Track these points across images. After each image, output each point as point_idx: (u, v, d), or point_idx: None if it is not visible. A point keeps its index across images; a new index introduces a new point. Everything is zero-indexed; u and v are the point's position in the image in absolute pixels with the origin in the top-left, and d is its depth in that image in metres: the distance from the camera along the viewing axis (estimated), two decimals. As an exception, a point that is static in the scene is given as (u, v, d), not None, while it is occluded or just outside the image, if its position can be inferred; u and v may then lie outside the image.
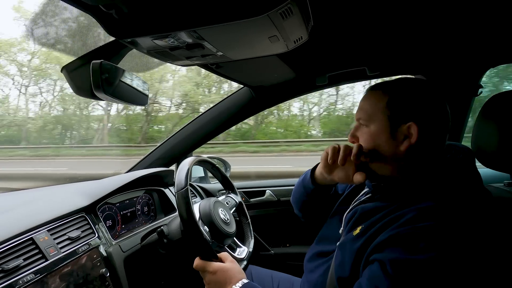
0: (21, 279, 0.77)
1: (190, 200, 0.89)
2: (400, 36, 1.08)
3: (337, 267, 0.78)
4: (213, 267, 0.85)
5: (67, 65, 0.84)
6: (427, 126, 0.74)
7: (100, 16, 0.71)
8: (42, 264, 0.83)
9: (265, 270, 1.29)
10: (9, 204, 1.04)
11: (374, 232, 0.72)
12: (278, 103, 1.67)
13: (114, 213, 1.21)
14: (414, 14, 0.92)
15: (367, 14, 0.91)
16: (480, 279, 0.68)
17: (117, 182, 1.22)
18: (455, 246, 0.64)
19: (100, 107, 16.02)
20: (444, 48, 1.20)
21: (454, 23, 0.98)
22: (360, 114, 0.81)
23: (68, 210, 0.99)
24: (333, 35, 1.04)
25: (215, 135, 1.70)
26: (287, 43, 0.83)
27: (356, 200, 0.90)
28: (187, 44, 0.79)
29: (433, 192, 0.71)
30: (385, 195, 0.79)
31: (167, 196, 1.45)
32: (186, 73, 15.13)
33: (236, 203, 1.24)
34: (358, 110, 0.83)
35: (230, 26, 0.69)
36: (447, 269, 0.62)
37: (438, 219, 0.65)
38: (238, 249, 1.11)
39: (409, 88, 0.77)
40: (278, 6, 0.63)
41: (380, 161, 0.78)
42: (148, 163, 1.68)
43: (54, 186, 1.38)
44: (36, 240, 0.85)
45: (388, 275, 0.63)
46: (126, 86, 0.92)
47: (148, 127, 14.97)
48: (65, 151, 14.58)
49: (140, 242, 1.14)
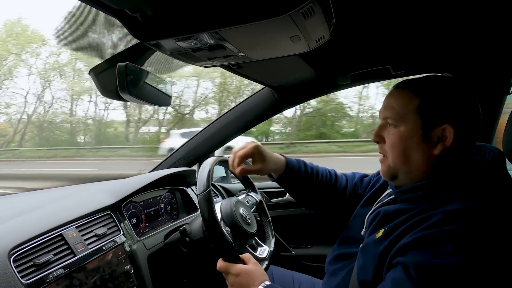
0: (51, 274, 0.80)
1: (213, 202, 0.90)
2: (426, 33, 1.04)
3: (360, 271, 0.77)
4: (236, 270, 0.85)
5: (94, 68, 0.87)
6: (463, 128, 0.71)
7: (125, 19, 0.73)
8: (70, 259, 0.86)
9: (286, 271, 1.28)
10: (40, 201, 1.09)
11: (398, 235, 0.69)
12: (299, 103, 1.66)
13: (138, 211, 1.24)
14: (440, 9, 0.88)
15: (391, 11, 0.89)
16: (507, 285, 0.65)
17: (141, 181, 1.25)
18: (482, 250, 0.61)
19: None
20: (473, 44, 1.14)
21: (483, 18, 0.94)
22: (388, 113, 0.78)
23: (95, 208, 1.02)
24: (356, 34, 1.02)
25: (237, 136, 1.71)
26: (308, 42, 0.82)
27: (378, 201, 0.88)
28: (209, 46, 0.80)
29: (461, 195, 0.68)
30: (409, 197, 0.77)
31: (189, 195, 1.47)
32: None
33: (256, 202, 1.25)
34: (384, 108, 0.79)
35: (252, 26, 0.69)
36: (473, 274, 0.59)
37: (467, 222, 0.63)
38: (259, 249, 1.12)
39: (443, 88, 0.74)
40: (299, 6, 0.63)
41: (409, 165, 0.75)
42: (171, 163, 1.71)
43: (82, 184, 1.43)
44: (65, 236, 0.89)
45: (412, 279, 0.61)
46: (150, 88, 0.94)
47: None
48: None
49: (163, 240, 1.16)
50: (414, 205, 0.73)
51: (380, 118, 0.81)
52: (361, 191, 1.05)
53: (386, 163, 0.80)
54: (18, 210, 0.99)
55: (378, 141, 0.81)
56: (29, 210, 0.97)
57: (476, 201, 0.66)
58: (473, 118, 0.73)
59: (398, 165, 0.77)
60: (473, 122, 0.73)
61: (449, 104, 0.72)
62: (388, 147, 0.78)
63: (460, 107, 0.72)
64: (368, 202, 0.95)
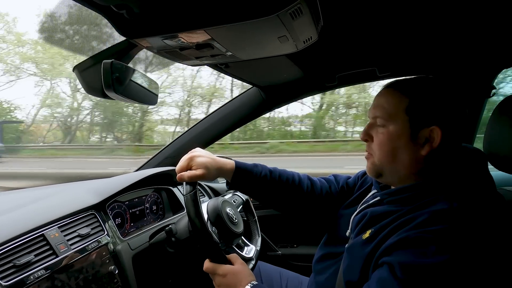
0: (32, 275, 0.78)
1: (199, 203, 0.90)
2: (411, 36, 1.06)
3: (346, 271, 0.78)
4: (223, 270, 0.85)
5: (79, 65, 0.85)
6: (450, 130, 0.73)
7: (111, 16, 0.72)
8: (52, 260, 0.84)
9: (274, 267, 1.29)
10: (21, 201, 1.06)
11: (384, 236, 0.71)
12: (287, 103, 1.66)
13: (123, 211, 1.23)
14: (425, 13, 0.90)
15: (378, 14, 0.90)
16: (491, 284, 0.67)
17: (126, 180, 1.23)
18: (466, 250, 0.62)
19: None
20: (456, 48, 1.18)
21: (466, 22, 0.97)
22: (378, 112, 0.78)
23: (78, 208, 1.00)
24: (343, 35, 1.04)
25: (224, 135, 1.71)
26: (296, 43, 0.82)
27: (363, 202, 0.89)
28: (197, 44, 0.79)
29: (446, 196, 0.70)
30: (395, 199, 0.78)
31: (175, 195, 1.46)
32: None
33: (243, 201, 1.25)
34: (374, 107, 0.80)
35: (240, 26, 0.69)
36: (457, 273, 0.61)
37: (452, 222, 0.64)
38: (246, 248, 1.12)
39: (432, 90, 0.75)
40: (287, 6, 0.63)
41: (395, 164, 0.77)
42: (157, 162, 1.69)
43: (65, 184, 1.40)
44: (47, 236, 0.87)
45: (397, 278, 0.62)
46: (136, 86, 0.93)
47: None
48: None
49: (149, 240, 1.15)
50: (400, 206, 0.75)
51: (369, 117, 0.82)
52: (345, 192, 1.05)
53: (371, 159, 0.81)
54: (-2, 209, 0.96)
55: (366, 139, 0.82)
56: (10, 210, 0.95)
57: (460, 201, 0.68)
58: (460, 121, 0.74)
59: (384, 163, 0.78)
60: (460, 125, 0.75)
61: (438, 106, 0.73)
62: (375, 145, 0.79)
63: (448, 110, 0.73)
64: (352, 203, 0.96)
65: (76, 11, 0.78)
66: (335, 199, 1.04)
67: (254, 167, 0.98)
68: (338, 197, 1.04)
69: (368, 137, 0.81)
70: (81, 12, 0.86)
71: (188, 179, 0.88)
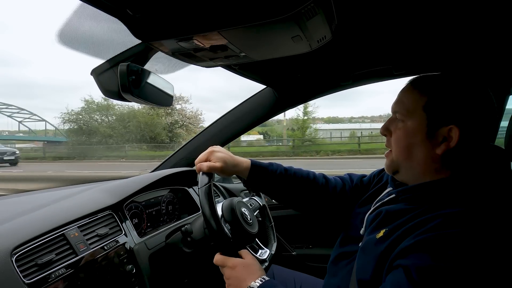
0: (53, 273, 0.80)
1: (213, 196, 0.90)
2: (427, 33, 1.03)
3: (359, 270, 0.76)
4: (232, 262, 0.85)
5: (96, 68, 0.87)
6: (469, 130, 0.70)
7: (126, 20, 0.73)
8: (72, 259, 0.86)
9: (288, 270, 1.28)
10: (43, 201, 1.09)
11: (399, 235, 0.69)
12: (301, 103, 1.66)
13: (140, 211, 1.25)
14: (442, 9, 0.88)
15: (393, 11, 0.89)
16: None
17: (143, 181, 1.25)
18: (484, 253, 0.60)
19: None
20: (474, 44, 1.14)
21: (484, 18, 0.94)
22: (398, 107, 0.78)
23: (96, 208, 1.02)
24: (357, 34, 1.02)
25: (239, 136, 1.71)
26: (310, 43, 0.82)
27: (378, 200, 0.88)
28: (211, 46, 0.80)
29: (463, 197, 0.68)
30: (410, 197, 0.76)
31: (191, 195, 1.47)
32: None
33: (259, 205, 1.24)
34: (396, 102, 0.79)
35: (253, 27, 0.69)
36: (475, 277, 0.59)
37: (469, 225, 0.62)
38: (260, 251, 1.11)
39: (452, 88, 0.72)
40: (301, 6, 0.63)
41: (411, 161, 0.75)
42: (173, 163, 1.71)
43: (84, 185, 1.43)
44: (67, 236, 0.89)
45: (414, 282, 0.60)
46: (152, 88, 0.94)
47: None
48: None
49: (165, 240, 1.17)
50: (416, 205, 0.73)
51: (391, 112, 0.81)
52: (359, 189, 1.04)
53: (390, 157, 0.81)
54: (21, 210, 0.99)
55: (385, 134, 0.82)
56: (31, 210, 0.98)
57: (479, 203, 0.66)
58: (483, 120, 0.71)
59: (400, 159, 0.77)
60: (482, 124, 0.71)
61: (457, 105, 0.71)
62: (393, 141, 0.79)
63: (468, 109, 0.70)
64: (367, 201, 0.95)
65: (92, 17, 0.79)
66: (349, 197, 1.03)
67: (270, 165, 1.02)
68: (352, 195, 1.04)
69: (387, 132, 0.81)
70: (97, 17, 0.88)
71: (206, 169, 0.92)
